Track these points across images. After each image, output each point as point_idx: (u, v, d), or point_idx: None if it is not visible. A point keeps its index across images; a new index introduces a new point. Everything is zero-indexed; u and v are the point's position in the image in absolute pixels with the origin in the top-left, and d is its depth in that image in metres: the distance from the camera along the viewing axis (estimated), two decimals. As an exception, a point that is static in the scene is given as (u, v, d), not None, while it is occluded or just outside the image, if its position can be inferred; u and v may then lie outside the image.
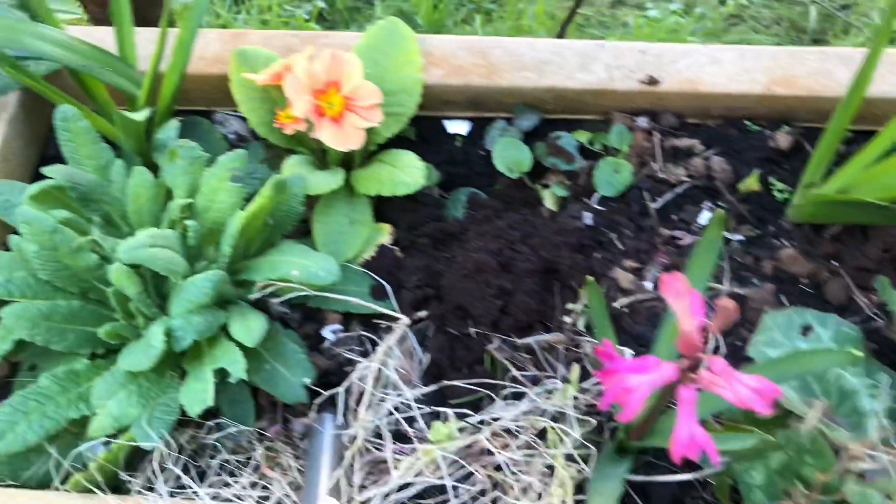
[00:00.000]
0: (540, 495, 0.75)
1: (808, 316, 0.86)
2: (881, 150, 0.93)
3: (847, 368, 0.84)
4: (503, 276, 0.97)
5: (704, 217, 1.06)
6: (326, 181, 1.01)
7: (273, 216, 0.98)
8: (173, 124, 1.03)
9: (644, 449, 0.88)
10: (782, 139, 1.06)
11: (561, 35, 1.53)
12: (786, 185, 1.06)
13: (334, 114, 0.95)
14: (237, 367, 0.84)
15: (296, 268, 0.92)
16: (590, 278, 0.80)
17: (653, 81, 1.06)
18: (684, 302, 0.53)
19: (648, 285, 1.01)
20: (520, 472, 0.78)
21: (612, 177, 1.06)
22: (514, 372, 0.93)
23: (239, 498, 0.76)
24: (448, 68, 1.08)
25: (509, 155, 1.07)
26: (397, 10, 2.14)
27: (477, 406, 0.91)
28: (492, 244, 0.99)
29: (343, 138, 0.94)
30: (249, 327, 0.88)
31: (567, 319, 0.96)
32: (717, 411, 0.86)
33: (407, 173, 0.99)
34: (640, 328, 0.96)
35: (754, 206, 1.06)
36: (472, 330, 0.95)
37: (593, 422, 0.85)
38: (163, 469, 0.84)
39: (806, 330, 0.86)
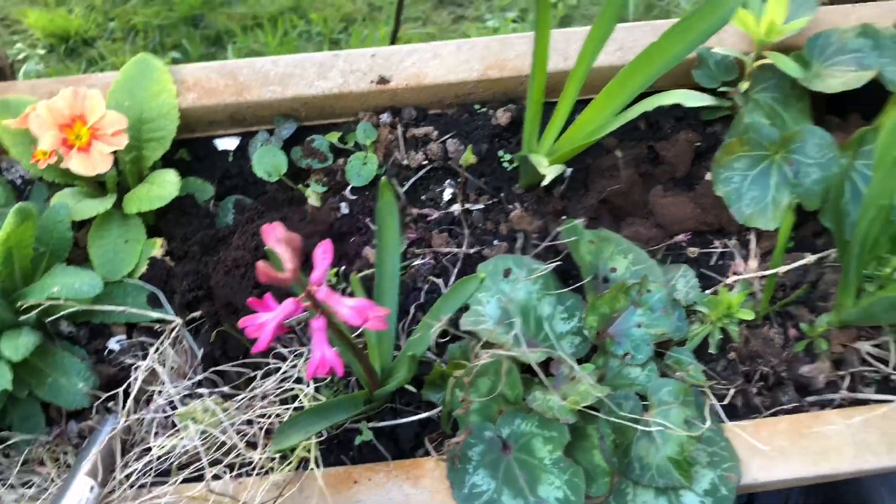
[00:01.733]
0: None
1: (508, 261, 1.00)
2: (566, 111, 1.09)
3: (543, 299, 0.97)
4: (262, 268, 1.08)
5: (447, 193, 1.19)
6: (93, 206, 1.10)
7: (43, 244, 1.06)
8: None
9: (391, 398, 1.00)
10: (502, 116, 1.21)
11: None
12: (512, 155, 1.21)
13: (82, 144, 1.05)
14: (3, 381, 0.93)
15: (59, 286, 1.01)
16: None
17: (383, 80, 1.19)
18: (282, 247, 0.65)
19: (397, 258, 1.13)
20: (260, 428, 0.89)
21: (362, 169, 1.19)
22: (280, 349, 1.04)
23: (12, 486, 0.86)
24: (201, 91, 1.19)
25: (267, 161, 1.19)
26: (249, 51, 2.24)
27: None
28: (250, 242, 1.10)
29: (91, 165, 1.04)
30: (17, 345, 0.96)
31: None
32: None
33: (163, 188, 1.10)
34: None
35: (490, 178, 1.20)
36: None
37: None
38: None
39: (507, 272, 0.99)
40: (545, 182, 0.95)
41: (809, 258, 1.01)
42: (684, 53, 0.96)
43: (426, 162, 1.20)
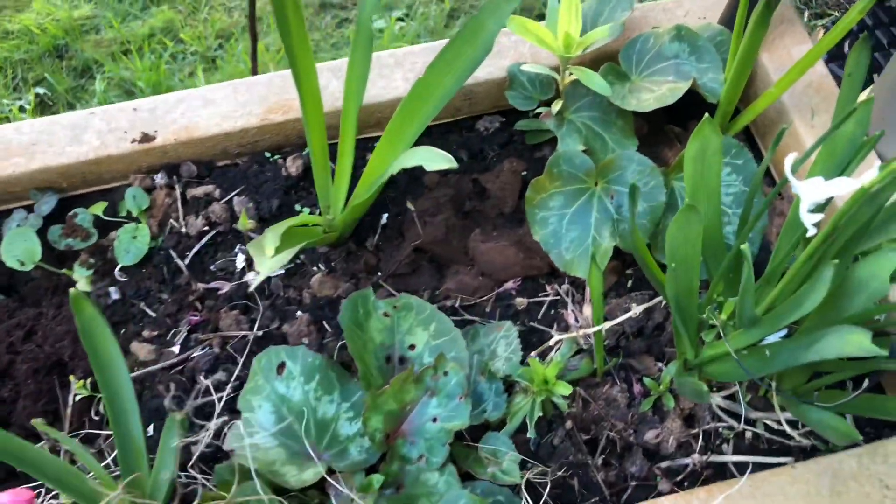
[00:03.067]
0: None
1: (282, 353, 0.83)
2: (348, 157, 0.92)
3: (323, 397, 0.81)
4: (4, 383, 0.90)
5: (240, 261, 1.02)
6: None
7: None
8: None
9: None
10: (293, 165, 1.04)
11: (254, 71, 1.43)
12: (312, 208, 1.04)
13: None
14: None
15: None
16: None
17: (147, 138, 1.01)
18: None
19: (175, 349, 0.95)
20: None
21: (131, 244, 1.01)
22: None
23: None
24: (-72, 172, 0.99)
25: (17, 247, 1.00)
26: (119, 80, 2.03)
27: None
28: (-13, 355, 0.91)
29: None
30: None
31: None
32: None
33: None
34: (158, 401, 0.91)
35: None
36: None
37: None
38: None
39: (280, 368, 0.82)
40: (257, 281, 0.76)
41: (636, 310, 0.86)
42: (457, 85, 0.80)
43: (208, 227, 1.02)
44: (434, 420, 0.77)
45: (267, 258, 0.67)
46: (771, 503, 0.78)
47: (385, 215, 1.05)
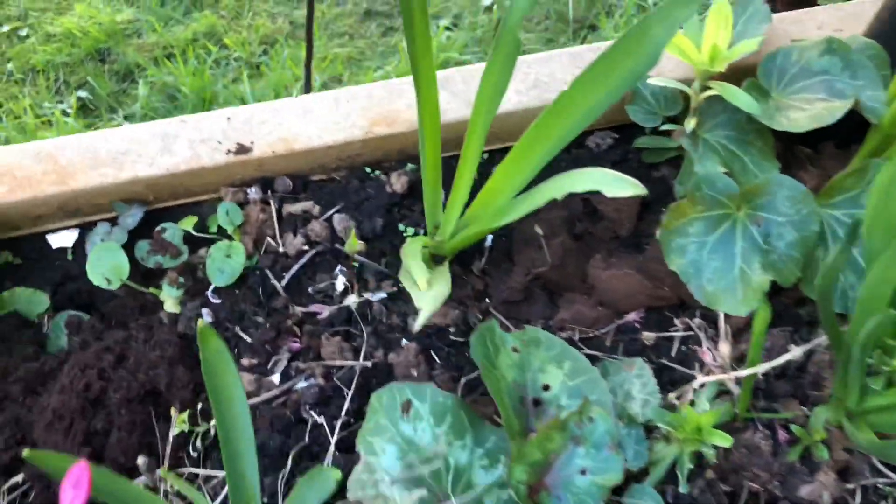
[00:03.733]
0: None
1: (407, 391, 0.76)
2: (470, 173, 0.85)
3: (455, 442, 0.74)
4: (96, 413, 0.83)
5: (340, 283, 0.95)
6: None
7: None
8: None
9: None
10: (398, 181, 0.97)
11: (307, 79, 1.36)
12: (416, 228, 0.97)
13: None
14: None
15: None
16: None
17: (243, 150, 0.94)
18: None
19: (275, 379, 0.88)
20: None
21: (225, 263, 0.94)
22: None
23: None
24: (12, 182, 0.93)
25: (104, 264, 0.93)
26: (162, 84, 1.98)
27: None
28: (78, 379, 0.84)
29: None
30: None
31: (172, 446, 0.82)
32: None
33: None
34: (261, 436, 0.84)
35: (391, 257, 0.96)
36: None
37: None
38: None
39: (406, 407, 0.75)
40: (420, 322, 0.67)
41: (795, 352, 0.78)
42: (610, 100, 0.72)
43: (307, 246, 0.96)
44: (583, 473, 0.70)
45: (424, 294, 0.60)
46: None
47: (490, 237, 0.98)
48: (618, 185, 0.59)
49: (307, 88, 1.29)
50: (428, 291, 0.62)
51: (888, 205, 0.68)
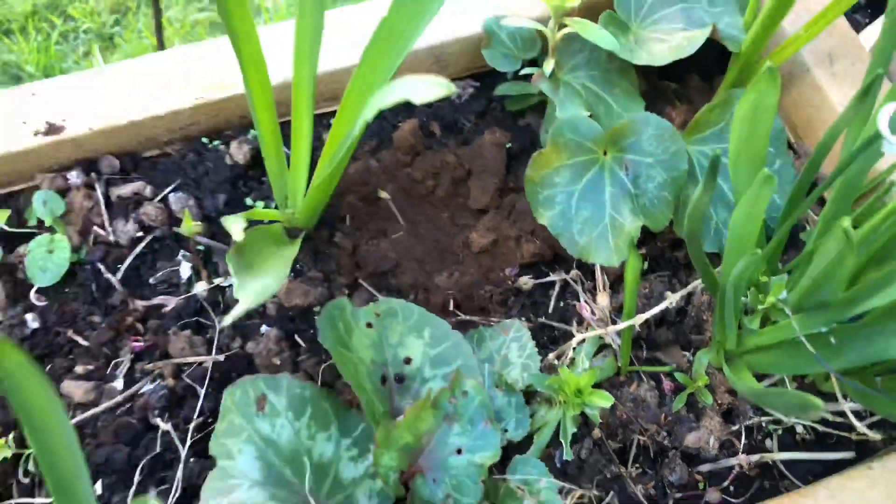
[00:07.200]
0: None
1: (261, 384, 0.68)
2: (305, 137, 0.76)
3: (318, 435, 0.66)
4: None
5: (186, 270, 0.85)
6: None
7: None
8: None
9: None
10: (238, 152, 0.87)
11: (160, 46, 1.22)
12: (266, 201, 0.88)
13: None
14: None
15: None
16: None
17: (54, 129, 0.82)
18: None
19: (118, 384, 0.78)
20: None
21: (47, 260, 0.82)
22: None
23: None
24: None
25: None
26: (3, 64, 1.76)
27: None
28: None
29: None
30: None
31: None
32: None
33: None
34: (103, 451, 0.74)
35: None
36: None
37: None
38: None
39: (261, 402, 0.67)
40: (235, 314, 0.54)
41: (672, 298, 0.75)
42: (416, 34, 0.65)
43: (142, 232, 0.85)
44: (459, 452, 0.64)
45: (246, 284, 0.52)
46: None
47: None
48: (425, 89, 0.51)
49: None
50: (251, 281, 0.54)
51: (751, 136, 0.64)
